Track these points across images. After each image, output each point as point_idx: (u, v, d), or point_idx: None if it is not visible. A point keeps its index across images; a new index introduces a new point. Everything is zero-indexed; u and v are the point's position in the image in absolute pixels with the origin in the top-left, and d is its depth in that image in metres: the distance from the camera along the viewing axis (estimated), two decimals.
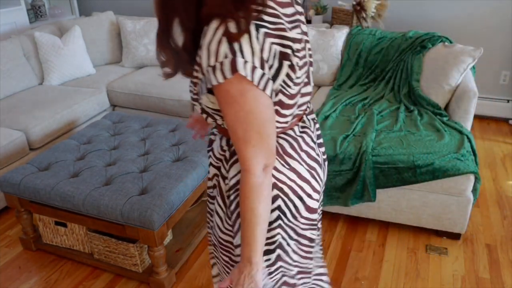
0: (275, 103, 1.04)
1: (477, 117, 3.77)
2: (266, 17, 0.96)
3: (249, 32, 0.92)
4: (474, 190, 2.20)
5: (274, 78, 1.00)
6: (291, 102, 1.06)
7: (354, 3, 3.31)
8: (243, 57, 0.91)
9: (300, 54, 1.04)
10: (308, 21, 3.75)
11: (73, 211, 2.04)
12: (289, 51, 1.00)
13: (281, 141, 1.13)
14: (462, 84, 2.55)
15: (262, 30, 0.94)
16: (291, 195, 1.14)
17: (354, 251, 2.28)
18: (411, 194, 2.25)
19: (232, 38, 0.90)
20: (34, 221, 2.34)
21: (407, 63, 2.89)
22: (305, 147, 1.17)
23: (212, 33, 0.91)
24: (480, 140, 3.38)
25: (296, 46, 1.02)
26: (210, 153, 1.25)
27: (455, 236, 2.32)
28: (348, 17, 3.44)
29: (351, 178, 2.28)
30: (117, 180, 2.04)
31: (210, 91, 1.01)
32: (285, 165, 1.12)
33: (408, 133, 2.36)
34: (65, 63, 3.49)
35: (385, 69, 3.05)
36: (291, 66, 1.01)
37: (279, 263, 1.21)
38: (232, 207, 1.14)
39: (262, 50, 0.94)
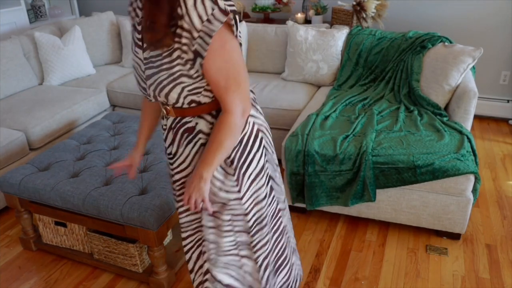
0: None
1: (477, 117, 3.77)
2: None
3: None
4: (474, 190, 2.20)
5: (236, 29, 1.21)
6: None
7: (354, 3, 3.31)
8: (220, 3, 1.11)
9: None
10: (308, 21, 3.75)
11: (73, 211, 2.04)
12: (234, 8, 1.17)
13: (251, 94, 1.38)
14: (462, 84, 2.55)
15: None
16: (267, 133, 1.42)
17: (354, 251, 2.28)
18: (411, 194, 2.25)
19: None
20: (34, 221, 2.34)
21: (407, 63, 2.89)
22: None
23: None
24: (480, 140, 3.38)
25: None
26: (200, 135, 1.32)
27: (455, 236, 2.32)
28: (348, 17, 3.44)
29: (351, 178, 2.28)
30: (117, 180, 2.04)
31: (195, 61, 1.16)
32: (257, 110, 1.39)
33: (408, 133, 2.36)
34: (65, 63, 3.49)
35: (385, 69, 3.05)
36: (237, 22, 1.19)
37: (273, 193, 1.47)
38: (234, 165, 1.31)
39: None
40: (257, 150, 1.35)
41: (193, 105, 1.26)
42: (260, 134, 1.37)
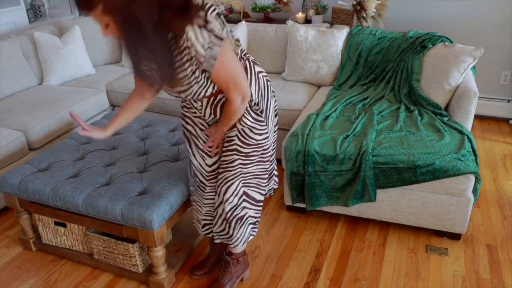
0: None
1: (477, 117, 3.77)
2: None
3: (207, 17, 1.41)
4: (475, 190, 2.20)
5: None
6: None
7: (354, 2, 3.30)
8: (214, 30, 1.41)
9: None
10: (308, 21, 3.74)
11: (72, 211, 2.04)
12: (217, 10, 1.46)
13: (250, 57, 1.74)
14: (462, 84, 2.54)
15: (213, 12, 1.44)
16: (269, 82, 1.82)
17: (354, 251, 2.28)
18: (411, 194, 2.24)
19: (203, 26, 1.39)
20: (33, 221, 2.34)
21: (407, 63, 2.89)
22: None
23: (193, 32, 1.38)
24: (481, 140, 3.38)
25: None
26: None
27: (455, 237, 2.32)
28: (348, 17, 3.44)
29: (351, 178, 2.28)
30: (117, 180, 2.04)
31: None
32: (259, 66, 1.78)
33: (409, 133, 2.35)
34: (65, 63, 3.48)
35: (385, 69, 3.05)
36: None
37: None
38: (264, 113, 1.72)
39: (218, 23, 1.43)
40: (270, 96, 1.78)
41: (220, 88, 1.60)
42: (268, 83, 1.78)
